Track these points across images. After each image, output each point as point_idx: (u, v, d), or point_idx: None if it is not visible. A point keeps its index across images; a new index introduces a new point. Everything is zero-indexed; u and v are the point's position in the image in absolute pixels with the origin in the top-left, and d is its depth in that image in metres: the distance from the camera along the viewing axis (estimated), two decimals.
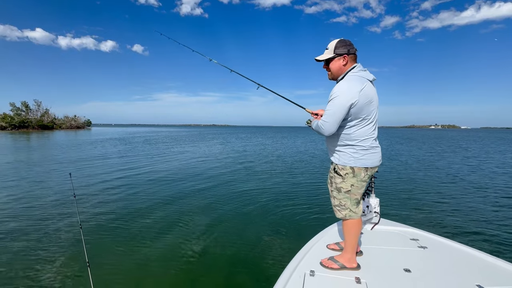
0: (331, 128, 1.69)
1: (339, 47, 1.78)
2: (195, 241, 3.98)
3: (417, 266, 1.76)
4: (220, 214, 5.13)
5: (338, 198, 1.84)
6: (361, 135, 1.72)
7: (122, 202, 5.82)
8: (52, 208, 5.40)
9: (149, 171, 9.73)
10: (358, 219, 1.84)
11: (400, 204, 5.81)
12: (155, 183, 7.76)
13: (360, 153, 1.73)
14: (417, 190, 7.12)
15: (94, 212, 5.15)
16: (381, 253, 1.98)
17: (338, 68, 1.81)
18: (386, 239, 2.23)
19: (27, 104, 62.59)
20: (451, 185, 7.77)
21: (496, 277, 1.61)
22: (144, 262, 3.37)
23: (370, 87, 1.70)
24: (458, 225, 4.60)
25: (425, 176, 9.07)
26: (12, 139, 27.11)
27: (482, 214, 5.14)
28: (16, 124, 55.73)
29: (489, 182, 8.12)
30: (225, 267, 3.28)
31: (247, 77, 2.87)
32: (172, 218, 4.86)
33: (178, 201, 5.93)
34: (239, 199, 6.12)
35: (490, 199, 6.24)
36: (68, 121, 71.62)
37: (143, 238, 4.06)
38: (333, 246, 2.09)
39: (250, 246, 3.84)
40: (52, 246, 3.78)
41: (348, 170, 1.75)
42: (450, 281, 1.59)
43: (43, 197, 6.16)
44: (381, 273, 1.70)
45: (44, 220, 4.75)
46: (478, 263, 1.79)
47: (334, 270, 1.76)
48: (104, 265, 3.29)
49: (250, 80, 2.86)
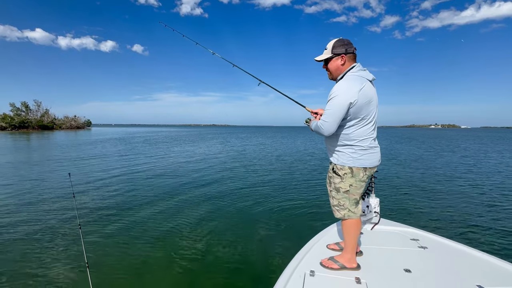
0: (331, 128, 1.69)
1: (337, 46, 1.78)
2: (195, 241, 3.98)
3: (417, 266, 1.76)
4: (220, 214, 5.13)
5: (337, 198, 1.84)
6: (359, 135, 1.72)
7: (121, 202, 5.83)
8: (51, 208, 5.40)
9: (148, 170, 9.74)
10: (357, 219, 1.83)
11: (400, 204, 5.80)
12: (154, 183, 7.77)
13: (358, 153, 1.72)
14: (417, 189, 7.12)
15: (94, 213, 5.15)
16: (381, 253, 1.98)
17: (336, 67, 1.81)
18: (386, 239, 2.23)
19: (27, 105, 62.58)
20: (450, 184, 7.76)
21: (496, 277, 1.60)
22: (143, 263, 3.37)
23: (369, 87, 1.70)
24: (458, 225, 4.59)
25: (424, 176, 9.07)
26: (12, 140, 27.10)
27: (481, 214, 5.14)
28: (16, 125, 55.72)
29: (488, 182, 8.11)
30: (225, 268, 3.27)
31: (249, 73, 2.88)
32: (171, 219, 4.86)
33: (177, 202, 5.93)
34: (239, 199, 6.12)
35: (489, 199, 6.24)
36: (68, 121, 71.61)
37: (142, 239, 4.05)
38: (333, 246, 2.09)
39: (250, 246, 3.84)
40: (51, 247, 3.78)
41: (347, 170, 1.75)
42: (450, 281, 1.58)
43: (42, 197, 6.15)
44: (381, 273, 1.69)
45: (43, 220, 4.75)
46: (479, 263, 1.79)
47: (334, 270, 1.75)
48: (103, 266, 3.28)
49: (251, 76, 2.88)
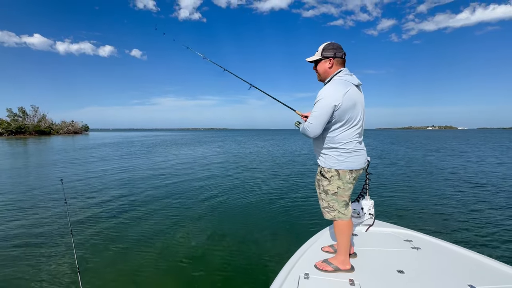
0: (316, 130, 1.73)
1: (326, 49, 1.82)
2: (188, 246, 3.94)
3: (410, 267, 1.77)
4: (213, 218, 5.09)
5: (326, 200, 1.86)
6: (344, 138, 1.75)
7: (114, 207, 5.77)
8: (43, 214, 5.33)
9: (141, 175, 9.69)
10: (348, 220, 1.85)
11: (395, 205, 5.81)
12: (147, 187, 7.71)
13: (344, 156, 1.76)
14: (411, 191, 7.13)
15: (86, 218, 5.09)
16: (375, 254, 1.99)
17: (324, 70, 1.86)
18: (380, 240, 2.24)
19: (24, 110, 62.40)
20: (443, 185, 7.79)
21: (487, 277, 1.62)
22: (136, 268, 3.32)
23: (354, 91, 1.74)
24: (450, 225, 4.61)
25: (417, 177, 9.09)
26: (8, 145, 26.94)
27: (474, 213, 5.16)
28: (13, 130, 55.49)
29: (480, 181, 8.16)
30: (219, 272, 3.24)
31: (239, 77, 2.88)
32: (164, 224, 4.81)
33: (171, 206, 5.87)
34: (233, 202, 6.10)
35: (481, 198, 6.28)
36: (66, 126, 71.41)
37: (135, 244, 4.00)
38: (328, 248, 2.10)
39: (244, 249, 3.81)
40: (42, 253, 3.73)
41: (334, 172, 1.78)
42: (443, 281, 1.60)
43: (34, 203, 6.09)
44: (374, 275, 1.70)
45: (34, 226, 4.69)
46: (470, 263, 1.81)
47: (328, 272, 1.76)
48: (94, 271, 3.24)
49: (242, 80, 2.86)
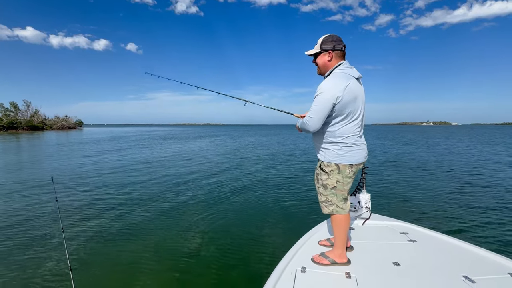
0: (316, 124, 1.70)
1: (325, 42, 1.77)
2: (183, 240, 3.92)
3: (406, 259, 1.78)
4: (209, 213, 5.07)
5: (325, 195, 1.84)
6: (345, 132, 1.72)
7: (106, 204, 5.69)
8: (33, 212, 5.21)
9: (134, 171, 9.60)
10: (346, 215, 1.83)
11: (391, 198, 5.86)
12: (140, 183, 7.62)
13: (344, 150, 1.73)
14: (407, 184, 7.21)
15: (77, 216, 5.00)
16: (371, 247, 1.99)
17: (324, 63, 1.81)
18: (376, 233, 2.25)
19: (16, 105, 61.29)
20: (439, 178, 7.89)
21: (481, 268, 1.64)
22: (128, 265, 3.27)
23: (355, 84, 1.70)
24: (446, 217, 4.67)
25: (413, 171, 9.20)
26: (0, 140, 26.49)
27: (468, 205, 5.23)
28: (5, 125, 54.54)
29: (475, 175, 8.29)
30: (216, 266, 3.23)
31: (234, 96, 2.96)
32: (157, 220, 4.74)
33: (165, 203, 5.79)
34: (230, 197, 6.08)
35: (476, 191, 6.38)
36: (59, 122, 70.43)
37: (127, 241, 3.94)
38: (324, 242, 2.09)
39: (241, 244, 3.81)
40: (33, 251, 3.65)
41: (333, 167, 1.76)
42: (438, 273, 1.61)
43: (24, 202, 5.94)
44: (370, 267, 1.71)
45: (25, 225, 4.58)
46: (465, 254, 1.83)
47: (325, 265, 1.75)
48: (86, 268, 3.19)
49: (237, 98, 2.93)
